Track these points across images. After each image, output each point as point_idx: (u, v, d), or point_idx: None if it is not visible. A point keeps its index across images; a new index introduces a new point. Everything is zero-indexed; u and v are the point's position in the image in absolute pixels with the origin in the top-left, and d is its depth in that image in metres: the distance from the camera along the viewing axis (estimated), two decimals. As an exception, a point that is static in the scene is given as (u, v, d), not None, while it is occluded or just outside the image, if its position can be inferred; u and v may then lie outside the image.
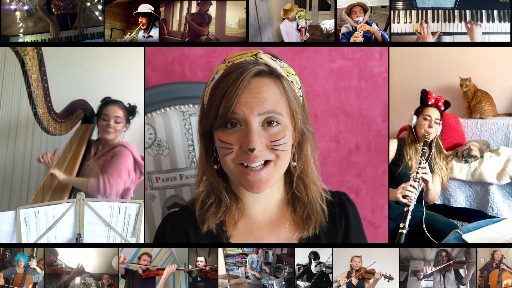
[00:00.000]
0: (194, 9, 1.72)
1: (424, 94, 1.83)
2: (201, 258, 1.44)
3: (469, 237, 1.45)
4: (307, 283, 1.45)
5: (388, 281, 1.44)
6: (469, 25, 1.68)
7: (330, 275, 1.46)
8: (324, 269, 1.45)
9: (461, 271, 1.47)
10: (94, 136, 2.00)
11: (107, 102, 1.90)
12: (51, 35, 1.81)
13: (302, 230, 1.20)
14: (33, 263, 1.46)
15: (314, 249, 1.44)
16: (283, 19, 1.78)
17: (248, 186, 1.09)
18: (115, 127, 1.87)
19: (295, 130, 1.13)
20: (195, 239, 1.19)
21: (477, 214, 1.88)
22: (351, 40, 1.70)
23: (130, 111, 1.91)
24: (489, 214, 1.85)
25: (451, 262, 1.46)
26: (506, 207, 1.85)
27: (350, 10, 1.70)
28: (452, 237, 1.49)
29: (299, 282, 1.45)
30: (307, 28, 1.78)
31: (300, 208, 1.20)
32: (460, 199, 1.93)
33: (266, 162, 1.09)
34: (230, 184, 1.20)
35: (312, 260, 1.44)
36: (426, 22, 1.73)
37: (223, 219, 1.19)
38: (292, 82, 1.13)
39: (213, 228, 1.18)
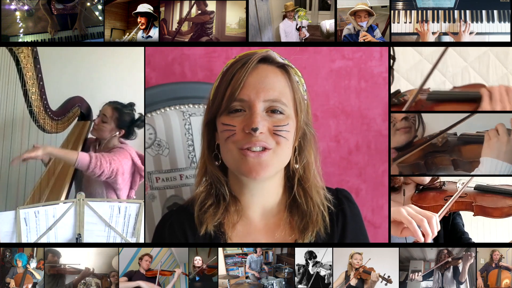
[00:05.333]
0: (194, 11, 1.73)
1: None
2: (198, 258, 1.44)
3: None
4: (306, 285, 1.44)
5: (386, 284, 1.42)
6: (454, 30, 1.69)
7: (325, 277, 1.45)
8: (320, 269, 1.44)
9: (460, 266, 1.46)
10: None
11: (108, 102, 1.90)
12: (49, 33, 1.80)
13: (297, 235, 1.19)
14: (33, 264, 1.45)
15: (310, 249, 1.43)
16: (284, 17, 1.77)
17: (247, 170, 1.08)
18: (99, 124, 1.86)
19: (298, 125, 1.12)
20: (193, 239, 1.19)
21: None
22: (360, 39, 1.70)
23: (121, 112, 1.87)
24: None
25: (449, 259, 1.46)
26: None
27: (355, 13, 1.70)
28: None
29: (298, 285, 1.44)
30: (306, 28, 1.78)
31: (298, 217, 1.19)
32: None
33: (265, 149, 1.08)
34: (229, 183, 1.20)
35: (308, 260, 1.43)
36: (426, 21, 1.73)
37: (222, 221, 1.18)
38: (298, 82, 1.14)
39: (211, 230, 1.17)
